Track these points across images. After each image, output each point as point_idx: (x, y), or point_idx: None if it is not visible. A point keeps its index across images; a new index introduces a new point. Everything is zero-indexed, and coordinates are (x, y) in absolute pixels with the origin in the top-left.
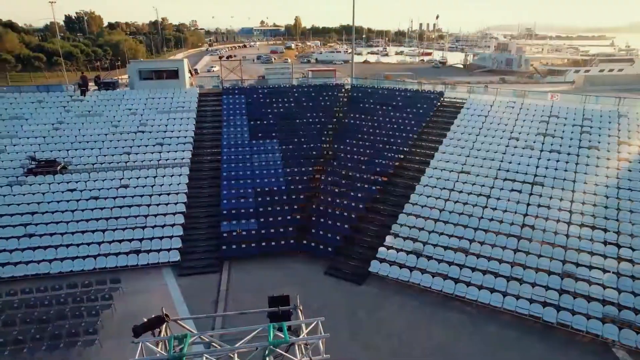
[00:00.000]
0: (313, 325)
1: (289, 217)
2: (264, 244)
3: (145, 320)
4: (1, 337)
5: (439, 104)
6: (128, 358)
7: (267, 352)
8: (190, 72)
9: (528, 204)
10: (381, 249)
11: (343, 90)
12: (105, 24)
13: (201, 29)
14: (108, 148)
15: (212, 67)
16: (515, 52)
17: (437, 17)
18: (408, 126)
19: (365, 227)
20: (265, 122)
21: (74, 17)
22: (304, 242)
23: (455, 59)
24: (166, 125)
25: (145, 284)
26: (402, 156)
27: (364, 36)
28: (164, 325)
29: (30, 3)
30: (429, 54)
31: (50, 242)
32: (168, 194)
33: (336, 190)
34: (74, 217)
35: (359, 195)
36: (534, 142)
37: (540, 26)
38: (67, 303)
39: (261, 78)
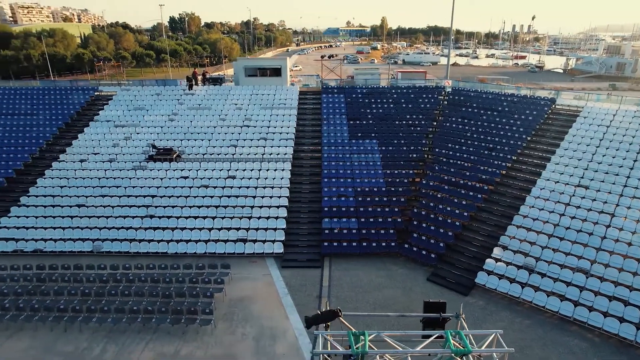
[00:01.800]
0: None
1: (389, 219)
2: (364, 244)
3: (319, 312)
4: (135, 306)
5: (549, 111)
6: (237, 342)
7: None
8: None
9: None
10: (489, 261)
11: (443, 93)
12: (202, 24)
13: (289, 28)
14: (216, 140)
15: (296, 65)
16: (630, 56)
17: (534, 17)
18: (516, 133)
19: (470, 236)
20: (364, 122)
21: (176, 18)
22: (405, 245)
23: (553, 62)
24: (269, 121)
25: (251, 272)
26: (509, 164)
27: (452, 37)
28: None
29: (140, 6)
30: (523, 57)
31: (167, 224)
32: (272, 187)
33: (438, 195)
34: (187, 203)
35: (463, 202)
36: None
37: None
38: (185, 282)
39: (350, 78)
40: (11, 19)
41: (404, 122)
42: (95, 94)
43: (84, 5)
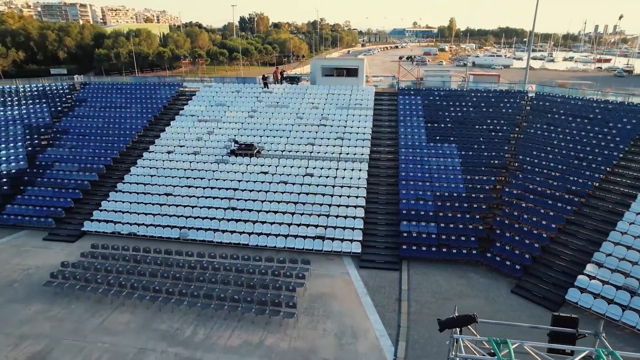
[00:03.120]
0: None
1: (470, 226)
2: (444, 249)
3: (454, 316)
4: (221, 293)
5: None
6: (319, 337)
7: None
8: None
9: None
10: (581, 278)
11: (526, 97)
12: (270, 23)
13: (354, 29)
14: (294, 137)
15: None
16: None
17: (621, 17)
18: (611, 143)
19: (558, 250)
20: (442, 125)
21: (246, 18)
22: (488, 254)
23: None
24: (345, 121)
25: (329, 269)
26: (602, 176)
27: (524, 39)
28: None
29: (211, 7)
30: (608, 60)
31: (248, 217)
32: (349, 187)
33: (523, 204)
34: (266, 197)
35: (550, 213)
36: None
37: None
38: (267, 274)
39: (419, 79)
40: (101, 20)
41: (484, 126)
42: (180, 89)
43: (162, 7)
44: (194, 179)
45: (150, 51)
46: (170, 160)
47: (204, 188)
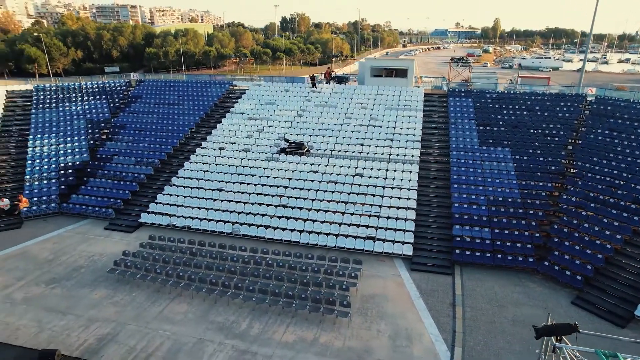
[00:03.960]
0: None
1: (525, 233)
2: (499, 255)
3: (553, 323)
4: (276, 289)
5: None
6: (373, 337)
7: None
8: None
9: None
10: None
11: (584, 101)
12: (311, 24)
13: (395, 29)
14: (343, 137)
15: None
16: None
17: None
18: None
19: (624, 262)
20: (495, 128)
21: (288, 18)
22: (545, 263)
23: None
24: (395, 122)
25: (380, 270)
26: None
27: (575, 40)
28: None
29: (253, 7)
30: None
31: (299, 215)
32: (400, 189)
33: (583, 212)
34: (316, 196)
35: (615, 223)
36: None
37: None
38: (319, 272)
39: (465, 81)
40: (149, 20)
41: (540, 130)
42: (230, 87)
43: (206, 8)
44: (245, 175)
45: (197, 50)
46: (222, 157)
47: (255, 185)
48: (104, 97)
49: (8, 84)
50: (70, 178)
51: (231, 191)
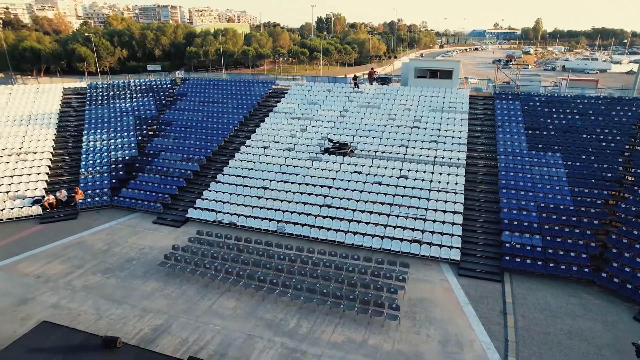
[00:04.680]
0: None
1: (580, 242)
2: (551, 264)
3: None
4: (323, 289)
5: None
6: (422, 342)
7: None
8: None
9: None
10: None
11: None
12: (346, 24)
13: (431, 30)
14: (387, 139)
15: None
16: None
17: None
18: None
19: None
20: (544, 132)
21: (323, 18)
22: (602, 274)
23: None
24: (440, 124)
25: (426, 274)
26: None
27: (624, 41)
28: None
29: (289, 7)
30: None
31: (343, 215)
32: (446, 192)
33: None
34: (361, 197)
35: None
36: None
37: None
38: (366, 274)
39: (506, 83)
40: (188, 20)
41: (594, 136)
42: (273, 87)
43: (243, 8)
44: (289, 174)
45: (236, 49)
46: (266, 155)
47: (299, 184)
48: (150, 94)
49: (64, 82)
50: (121, 172)
51: (275, 189)
